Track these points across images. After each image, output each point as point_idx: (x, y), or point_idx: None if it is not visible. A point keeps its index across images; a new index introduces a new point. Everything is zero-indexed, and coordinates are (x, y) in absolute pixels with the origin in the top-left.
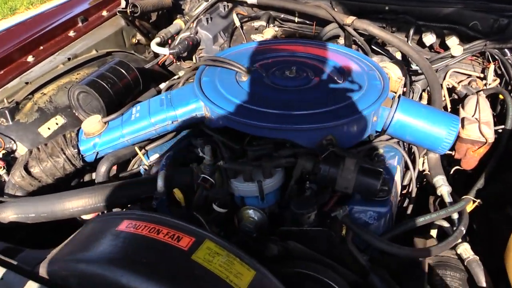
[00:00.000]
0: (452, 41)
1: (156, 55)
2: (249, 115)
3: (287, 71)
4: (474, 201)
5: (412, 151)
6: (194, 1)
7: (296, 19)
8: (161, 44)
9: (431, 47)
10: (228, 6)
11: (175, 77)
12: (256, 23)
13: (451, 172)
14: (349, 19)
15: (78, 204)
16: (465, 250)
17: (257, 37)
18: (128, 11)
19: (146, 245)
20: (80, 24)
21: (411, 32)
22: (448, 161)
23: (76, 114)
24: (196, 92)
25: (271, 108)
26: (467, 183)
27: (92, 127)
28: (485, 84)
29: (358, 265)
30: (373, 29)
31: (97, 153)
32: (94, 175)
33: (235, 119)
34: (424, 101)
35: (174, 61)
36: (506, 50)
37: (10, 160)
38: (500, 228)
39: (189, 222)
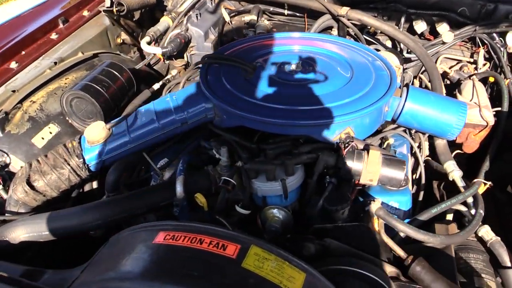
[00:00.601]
0: (443, 28)
1: (142, 55)
2: (268, 114)
3: (293, 65)
4: (484, 184)
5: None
6: None
7: (286, 12)
8: (151, 43)
9: (421, 35)
10: (215, 1)
11: (168, 76)
12: (247, 17)
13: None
14: (343, 10)
15: (95, 217)
16: (486, 232)
17: (249, 32)
18: (114, 9)
19: (192, 256)
20: (61, 26)
21: (402, 20)
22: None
23: (70, 121)
24: (205, 93)
25: (289, 104)
26: (468, 166)
27: (97, 135)
28: (476, 69)
29: (396, 256)
30: (368, 19)
31: (104, 161)
32: (94, 184)
33: (253, 118)
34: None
35: (162, 60)
36: (494, 34)
37: (4, 174)
38: (506, 208)
39: (230, 229)
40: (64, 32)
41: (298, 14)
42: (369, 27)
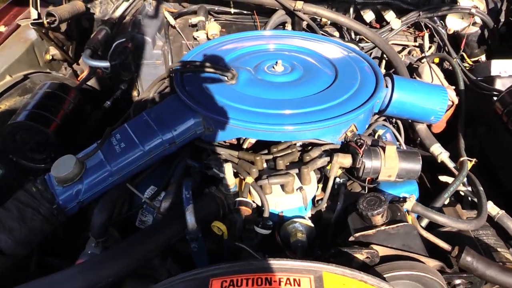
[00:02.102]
0: (390, 15)
1: (75, 72)
2: (275, 121)
3: (277, 66)
4: (470, 161)
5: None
6: (106, 3)
7: (232, 10)
8: (94, 56)
9: (369, 24)
10: (153, 4)
11: (118, 92)
12: (194, 19)
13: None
14: (299, 4)
15: (107, 274)
16: (492, 208)
17: (200, 34)
18: (44, 22)
19: None
20: None
21: (351, 10)
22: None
23: (15, 159)
24: (193, 106)
25: (292, 108)
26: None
27: (69, 172)
28: (422, 52)
29: (439, 249)
30: (323, 11)
31: (83, 201)
32: None
33: (257, 128)
34: None
35: (100, 73)
36: (435, 18)
37: None
38: None
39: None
40: None
41: (245, 12)
42: (319, 20)
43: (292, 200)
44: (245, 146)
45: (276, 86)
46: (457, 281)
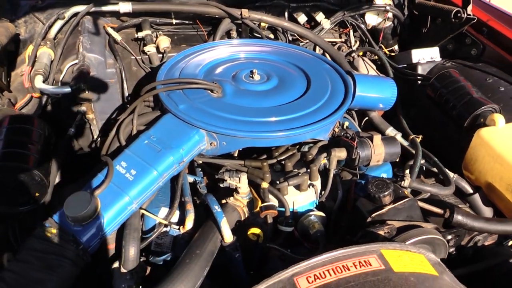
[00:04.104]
0: (320, 16)
1: (16, 99)
2: (276, 128)
3: (251, 76)
4: (417, 137)
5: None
6: (32, 22)
7: (174, 21)
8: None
9: (302, 25)
10: (91, 21)
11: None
12: (140, 33)
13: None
14: (245, 12)
15: None
16: (449, 172)
17: (151, 48)
18: None
19: (357, 282)
20: None
21: (286, 14)
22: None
23: None
24: (196, 124)
25: (289, 113)
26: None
27: (87, 209)
28: (350, 47)
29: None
30: (267, 17)
31: (104, 235)
32: None
33: (264, 136)
34: None
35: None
36: (356, 16)
37: None
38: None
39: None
40: None
41: (186, 22)
42: (257, 24)
43: (307, 196)
44: (236, 155)
45: (262, 94)
46: (449, 237)
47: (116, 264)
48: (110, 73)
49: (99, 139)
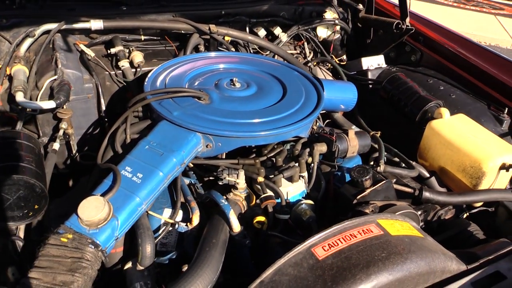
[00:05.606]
0: (278, 30)
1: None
2: (267, 127)
3: (232, 84)
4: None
5: None
6: None
7: (142, 37)
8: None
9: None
10: (61, 37)
11: (61, 131)
12: (113, 49)
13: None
14: (213, 27)
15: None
16: None
17: (125, 64)
18: None
19: (365, 246)
20: None
21: (247, 29)
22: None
23: None
24: (195, 127)
25: (272, 115)
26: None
27: (102, 212)
28: (305, 57)
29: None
30: (233, 32)
31: (118, 237)
32: None
33: (257, 135)
34: None
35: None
36: (309, 29)
37: None
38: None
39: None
40: None
41: (155, 38)
42: (221, 38)
43: (298, 187)
44: (223, 156)
45: (245, 99)
46: (419, 212)
47: (129, 265)
48: (87, 88)
49: (77, 154)
